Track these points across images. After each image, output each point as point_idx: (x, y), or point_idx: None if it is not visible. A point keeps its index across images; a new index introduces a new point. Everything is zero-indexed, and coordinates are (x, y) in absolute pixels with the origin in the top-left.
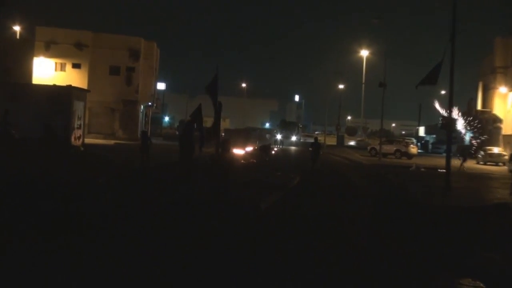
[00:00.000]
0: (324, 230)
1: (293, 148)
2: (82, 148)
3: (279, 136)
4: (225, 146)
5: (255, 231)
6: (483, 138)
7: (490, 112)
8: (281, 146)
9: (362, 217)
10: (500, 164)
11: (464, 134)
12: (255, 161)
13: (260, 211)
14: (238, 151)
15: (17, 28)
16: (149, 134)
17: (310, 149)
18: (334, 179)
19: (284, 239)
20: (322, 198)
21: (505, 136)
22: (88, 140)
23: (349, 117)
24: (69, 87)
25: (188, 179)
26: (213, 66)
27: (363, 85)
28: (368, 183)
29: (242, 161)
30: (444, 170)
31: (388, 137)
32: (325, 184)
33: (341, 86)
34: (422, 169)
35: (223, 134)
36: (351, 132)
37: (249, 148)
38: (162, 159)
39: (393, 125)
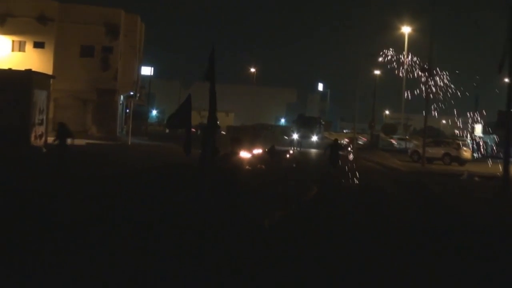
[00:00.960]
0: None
1: (313, 151)
2: (44, 150)
3: (295, 136)
4: (235, 147)
5: (252, 257)
6: None
7: None
8: (298, 149)
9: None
10: None
11: None
12: (263, 166)
13: (264, 229)
14: (243, 154)
15: None
16: (127, 130)
17: (326, 152)
18: (360, 191)
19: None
20: (342, 218)
21: None
22: (53, 139)
23: (386, 112)
24: (28, 72)
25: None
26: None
27: (404, 70)
28: (402, 194)
29: (247, 167)
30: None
31: (435, 137)
32: (348, 198)
33: (376, 72)
34: (476, 178)
35: (223, 133)
36: (389, 130)
37: (257, 151)
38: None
39: (443, 122)
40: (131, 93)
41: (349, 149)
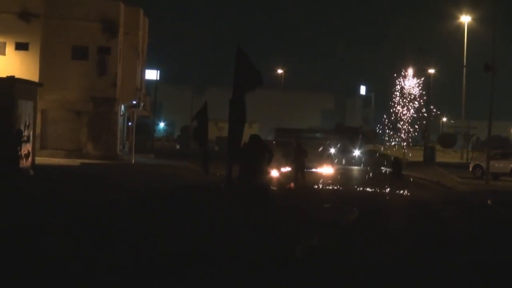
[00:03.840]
0: None
1: (354, 168)
2: (31, 172)
3: (332, 150)
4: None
5: None
6: None
7: None
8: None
9: None
10: None
11: None
12: (292, 185)
13: (295, 258)
14: (272, 173)
15: None
16: (130, 147)
17: (387, 170)
18: (411, 216)
19: None
20: (386, 245)
21: None
22: (41, 160)
23: (444, 119)
24: (11, 80)
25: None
26: (233, 46)
27: (464, 69)
28: (462, 220)
29: (273, 187)
30: None
31: (503, 148)
32: (397, 224)
33: (431, 71)
34: None
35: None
36: (447, 140)
37: (286, 169)
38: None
39: None
40: (134, 102)
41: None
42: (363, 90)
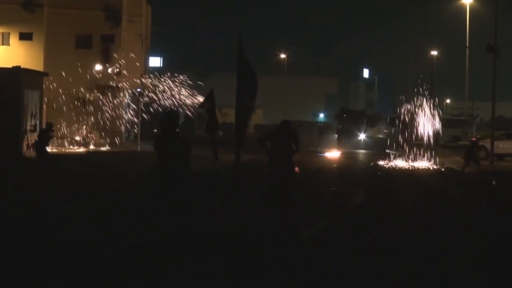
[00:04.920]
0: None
1: (360, 152)
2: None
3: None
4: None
5: (291, 272)
6: None
7: None
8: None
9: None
10: None
11: None
12: (298, 170)
13: (303, 241)
14: None
15: None
16: (135, 134)
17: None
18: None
19: None
20: (392, 225)
21: None
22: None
23: (447, 101)
24: (17, 70)
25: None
26: (234, 31)
27: (467, 50)
28: (466, 199)
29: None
30: None
31: (507, 129)
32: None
33: (433, 53)
34: None
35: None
36: (451, 122)
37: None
38: None
39: None
40: (138, 89)
41: None
42: (366, 73)
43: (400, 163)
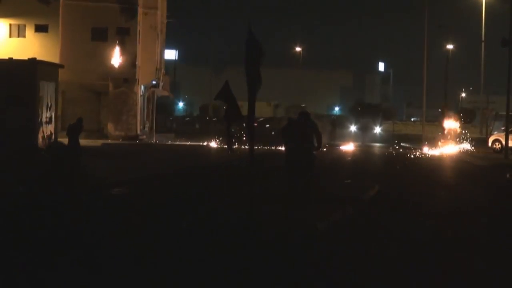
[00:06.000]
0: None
1: (376, 145)
2: None
3: (353, 127)
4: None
5: (303, 264)
6: None
7: None
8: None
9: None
10: None
11: None
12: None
13: (316, 232)
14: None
15: None
16: (150, 127)
17: None
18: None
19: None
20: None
21: None
22: (62, 140)
23: (463, 95)
24: (33, 62)
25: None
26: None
27: (483, 44)
28: (480, 193)
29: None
30: None
31: None
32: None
33: (449, 47)
34: None
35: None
36: (466, 116)
37: None
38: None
39: None
40: (153, 82)
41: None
42: (381, 66)
43: None
